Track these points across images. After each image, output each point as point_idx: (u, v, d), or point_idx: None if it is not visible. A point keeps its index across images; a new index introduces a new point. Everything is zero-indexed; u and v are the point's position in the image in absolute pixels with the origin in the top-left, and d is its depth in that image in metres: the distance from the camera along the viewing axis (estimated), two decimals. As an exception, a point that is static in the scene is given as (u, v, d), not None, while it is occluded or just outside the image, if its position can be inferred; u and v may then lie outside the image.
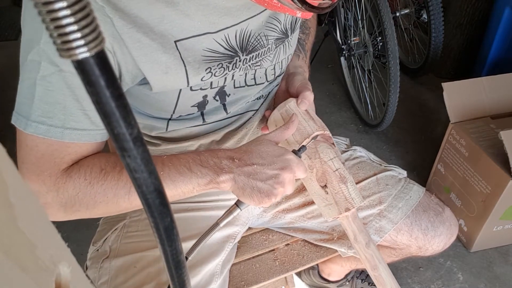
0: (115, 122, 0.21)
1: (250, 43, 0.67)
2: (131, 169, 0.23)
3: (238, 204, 0.62)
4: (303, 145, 0.65)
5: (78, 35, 0.18)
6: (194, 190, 0.61)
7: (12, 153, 0.21)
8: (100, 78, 0.19)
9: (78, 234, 1.24)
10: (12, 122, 0.56)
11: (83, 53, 0.18)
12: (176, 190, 0.60)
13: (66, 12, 0.17)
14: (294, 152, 0.63)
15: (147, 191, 0.25)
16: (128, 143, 0.22)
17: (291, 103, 0.72)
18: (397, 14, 2.11)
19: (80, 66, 0.19)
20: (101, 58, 0.19)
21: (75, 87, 0.54)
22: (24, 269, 0.20)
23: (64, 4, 0.17)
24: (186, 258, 0.61)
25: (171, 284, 0.33)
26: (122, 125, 0.21)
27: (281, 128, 0.66)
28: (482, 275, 1.38)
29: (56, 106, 0.54)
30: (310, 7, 0.51)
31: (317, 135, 0.70)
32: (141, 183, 0.24)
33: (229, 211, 0.63)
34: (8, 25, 2.90)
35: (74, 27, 0.18)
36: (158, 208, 0.26)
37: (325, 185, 0.68)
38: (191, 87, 0.65)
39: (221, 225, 0.62)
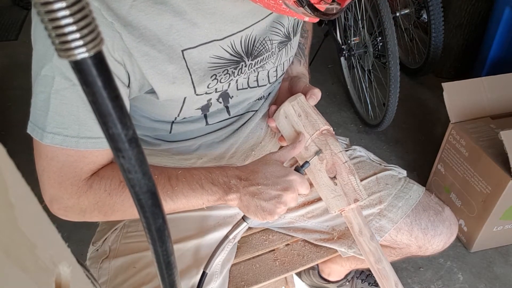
0: (111, 123, 0.21)
1: (255, 48, 0.68)
2: (125, 169, 0.23)
3: (244, 218, 0.68)
4: (306, 161, 0.69)
5: (77, 35, 0.18)
6: (203, 204, 0.66)
7: (12, 153, 0.21)
8: (98, 79, 0.19)
9: (78, 234, 1.24)
10: (28, 131, 0.58)
11: (81, 53, 0.18)
12: (187, 203, 0.65)
13: (65, 12, 0.17)
14: (297, 169, 0.68)
15: (140, 192, 0.25)
16: (124, 144, 0.22)
17: (301, 97, 0.74)
18: (397, 14, 2.11)
19: (78, 66, 0.19)
20: (99, 58, 0.19)
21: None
22: (24, 269, 0.20)
23: (63, 4, 0.17)
24: (204, 272, 0.68)
25: (161, 283, 0.33)
26: (118, 126, 0.21)
27: (287, 147, 0.70)
28: (482, 275, 1.38)
29: (70, 117, 0.56)
30: (321, 14, 0.52)
31: (326, 128, 0.72)
32: (135, 184, 0.24)
33: (237, 224, 0.69)
34: (8, 25, 2.89)
35: (73, 28, 0.18)
36: (151, 208, 0.26)
37: (335, 176, 0.70)
38: (196, 94, 0.66)
39: (230, 237, 0.68)
